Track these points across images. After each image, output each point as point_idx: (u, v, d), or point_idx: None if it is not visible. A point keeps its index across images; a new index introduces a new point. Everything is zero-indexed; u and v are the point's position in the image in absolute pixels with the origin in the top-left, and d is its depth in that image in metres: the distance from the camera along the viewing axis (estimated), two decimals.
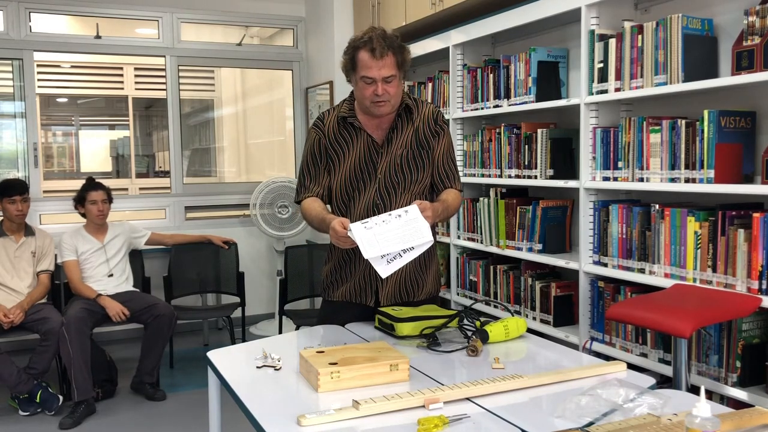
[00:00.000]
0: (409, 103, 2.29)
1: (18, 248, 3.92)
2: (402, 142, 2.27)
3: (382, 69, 2.13)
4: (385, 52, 2.12)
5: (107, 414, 3.68)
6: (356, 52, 2.16)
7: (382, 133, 2.29)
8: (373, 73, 2.13)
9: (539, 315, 3.37)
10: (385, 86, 2.15)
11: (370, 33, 2.15)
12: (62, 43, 5.16)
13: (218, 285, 4.87)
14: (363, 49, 2.14)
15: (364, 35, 2.16)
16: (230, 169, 7.42)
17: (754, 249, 2.34)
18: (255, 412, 1.52)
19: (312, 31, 5.59)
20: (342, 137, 2.30)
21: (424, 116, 2.32)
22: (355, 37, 2.20)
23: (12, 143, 5.24)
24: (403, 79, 2.25)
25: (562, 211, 3.41)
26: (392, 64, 2.15)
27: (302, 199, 2.33)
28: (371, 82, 2.15)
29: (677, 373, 2.29)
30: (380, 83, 2.14)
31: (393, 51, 2.14)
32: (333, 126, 2.31)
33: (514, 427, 1.41)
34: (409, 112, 2.30)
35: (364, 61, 2.14)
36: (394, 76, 2.16)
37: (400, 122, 2.28)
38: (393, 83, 2.17)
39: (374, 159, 2.27)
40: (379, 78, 2.14)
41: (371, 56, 2.12)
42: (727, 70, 2.63)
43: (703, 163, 2.50)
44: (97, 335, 4.01)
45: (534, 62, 3.39)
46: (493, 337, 2.00)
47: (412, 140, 2.28)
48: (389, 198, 2.28)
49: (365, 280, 2.33)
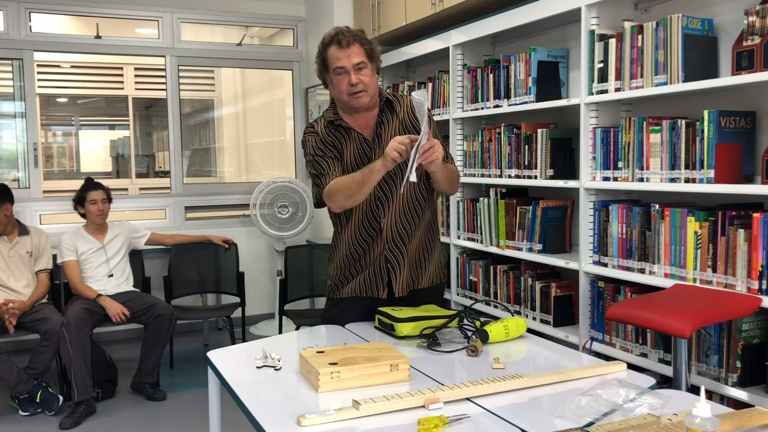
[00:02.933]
0: (389, 97, 2.35)
1: (12, 248, 3.92)
2: (391, 135, 2.28)
3: (351, 57, 2.20)
4: (352, 41, 2.21)
5: (107, 414, 3.68)
6: (326, 50, 2.25)
7: (370, 130, 2.32)
8: (343, 62, 2.21)
9: (539, 315, 3.37)
10: (358, 75, 2.21)
11: (335, 30, 2.25)
12: (62, 43, 5.16)
13: (218, 285, 4.87)
14: (331, 45, 2.23)
15: (329, 34, 2.26)
16: (230, 169, 7.42)
17: (754, 249, 2.34)
18: (255, 412, 1.52)
19: (312, 31, 5.59)
20: (335, 139, 2.33)
21: (406, 107, 2.36)
22: (322, 39, 2.29)
23: (12, 143, 5.24)
24: (377, 72, 2.31)
25: (562, 211, 3.41)
26: (361, 52, 2.22)
27: (325, 186, 2.29)
28: (343, 72, 2.21)
29: (677, 373, 2.29)
30: (353, 72, 2.21)
31: (359, 41, 2.23)
32: (324, 131, 2.35)
33: (514, 427, 1.41)
34: (391, 106, 2.35)
35: (334, 53, 2.22)
36: (364, 63, 2.23)
37: (385, 117, 2.33)
38: (365, 72, 2.23)
39: (369, 156, 2.29)
40: (350, 66, 2.21)
41: (338, 47, 2.21)
42: (727, 70, 2.63)
43: (703, 163, 2.50)
44: (97, 335, 4.01)
45: (534, 62, 3.39)
46: (493, 337, 2.00)
47: (400, 132, 2.31)
48: (390, 192, 2.31)
49: (376, 273, 2.33)
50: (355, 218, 2.33)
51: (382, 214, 2.31)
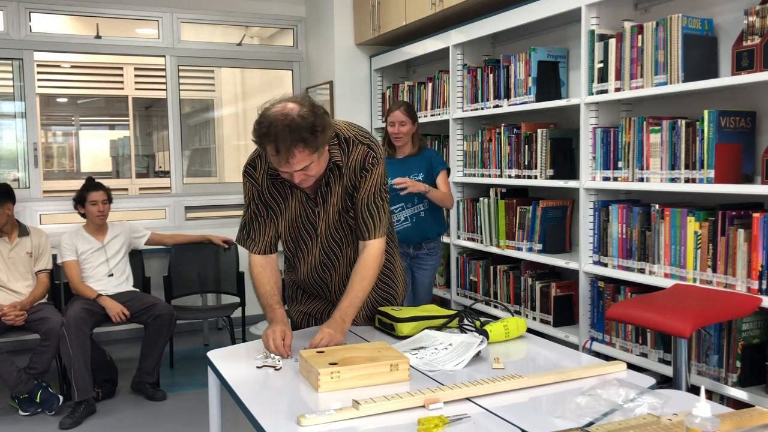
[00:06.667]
0: (336, 159, 2.00)
1: (12, 249, 3.92)
2: (336, 199, 2.06)
3: (293, 165, 1.83)
4: (291, 152, 1.79)
5: (107, 414, 3.68)
6: (262, 142, 1.85)
7: (313, 186, 2.04)
8: (284, 169, 1.86)
9: (539, 315, 3.37)
10: (302, 172, 1.87)
11: (273, 123, 1.79)
12: (62, 43, 5.16)
13: (218, 285, 4.86)
14: (267, 144, 1.82)
15: (265, 120, 1.82)
16: (230, 169, 7.42)
17: (754, 249, 2.34)
18: (255, 412, 1.52)
19: (312, 31, 5.59)
20: (276, 191, 2.08)
21: (351, 167, 2.03)
22: (259, 120, 1.84)
23: (12, 143, 5.24)
24: (325, 147, 1.92)
25: (562, 211, 3.41)
26: (304, 157, 1.82)
27: (249, 249, 2.15)
28: (285, 172, 1.89)
29: (677, 373, 2.29)
30: (295, 173, 1.87)
31: (303, 143, 1.80)
32: (265, 179, 2.07)
33: (514, 427, 1.41)
34: (339, 167, 2.02)
35: (271, 156, 1.85)
36: (310, 164, 1.86)
37: (332, 176, 2.03)
38: (311, 168, 1.88)
39: (311, 219, 2.10)
40: (292, 171, 1.86)
41: (276, 157, 1.82)
42: (727, 70, 2.63)
43: (703, 163, 2.50)
44: (97, 335, 4.00)
45: (534, 62, 3.39)
46: (493, 337, 2.00)
47: (344, 197, 2.07)
48: (334, 255, 2.16)
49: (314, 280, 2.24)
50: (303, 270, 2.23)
51: (329, 277, 2.21)
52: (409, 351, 1.88)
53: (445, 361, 1.81)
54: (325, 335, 1.91)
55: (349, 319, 2.01)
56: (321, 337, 1.90)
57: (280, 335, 1.95)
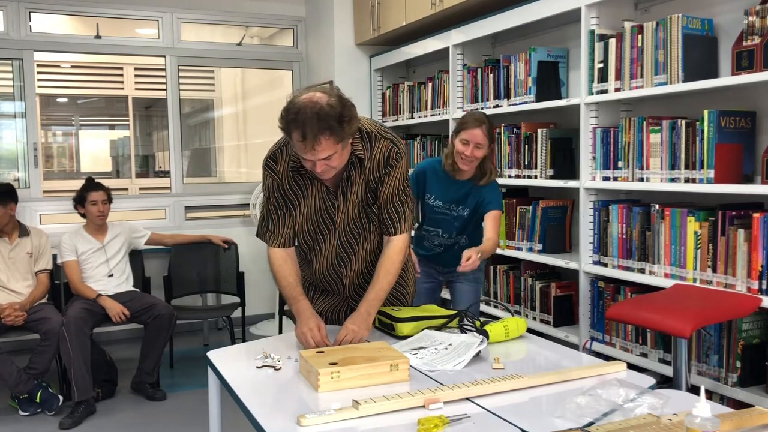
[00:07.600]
0: (359, 152, 2.00)
1: (12, 249, 3.92)
2: (356, 193, 2.06)
3: (318, 153, 1.83)
4: (317, 139, 1.79)
5: (107, 414, 3.68)
6: (289, 128, 1.84)
7: (335, 179, 2.05)
8: (308, 156, 1.85)
9: (539, 315, 3.37)
10: (324, 162, 1.87)
11: (302, 110, 1.80)
12: (62, 43, 5.16)
13: (218, 285, 4.86)
14: (294, 130, 1.82)
15: (293, 107, 1.82)
16: (230, 169, 7.42)
17: (754, 249, 2.34)
18: (255, 412, 1.52)
19: (312, 31, 5.59)
20: (296, 184, 2.08)
21: (374, 162, 2.03)
22: (288, 107, 1.85)
23: (12, 143, 5.24)
24: (350, 138, 1.93)
25: (562, 211, 3.41)
26: (330, 145, 1.82)
27: (268, 243, 2.16)
28: (308, 161, 1.89)
29: (677, 373, 2.29)
30: (318, 162, 1.87)
31: (330, 131, 1.80)
32: (286, 171, 2.07)
33: (514, 427, 1.41)
34: (360, 160, 2.02)
35: (297, 143, 1.84)
36: (334, 154, 1.87)
37: (353, 170, 2.03)
38: (334, 158, 1.88)
39: (330, 212, 2.09)
40: (315, 160, 1.86)
41: (302, 143, 1.82)
42: (727, 70, 2.63)
43: (703, 163, 2.50)
44: (97, 335, 4.00)
45: (534, 62, 3.39)
46: (493, 337, 2.00)
47: (365, 191, 2.07)
48: (351, 249, 2.16)
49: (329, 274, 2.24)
50: (317, 266, 2.23)
51: (345, 271, 2.21)
52: (409, 351, 1.89)
53: (445, 361, 1.82)
54: (349, 332, 1.94)
55: (374, 311, 2.05)
56: (344, 333, 1.94)
57: (317, 328, 1.97)
